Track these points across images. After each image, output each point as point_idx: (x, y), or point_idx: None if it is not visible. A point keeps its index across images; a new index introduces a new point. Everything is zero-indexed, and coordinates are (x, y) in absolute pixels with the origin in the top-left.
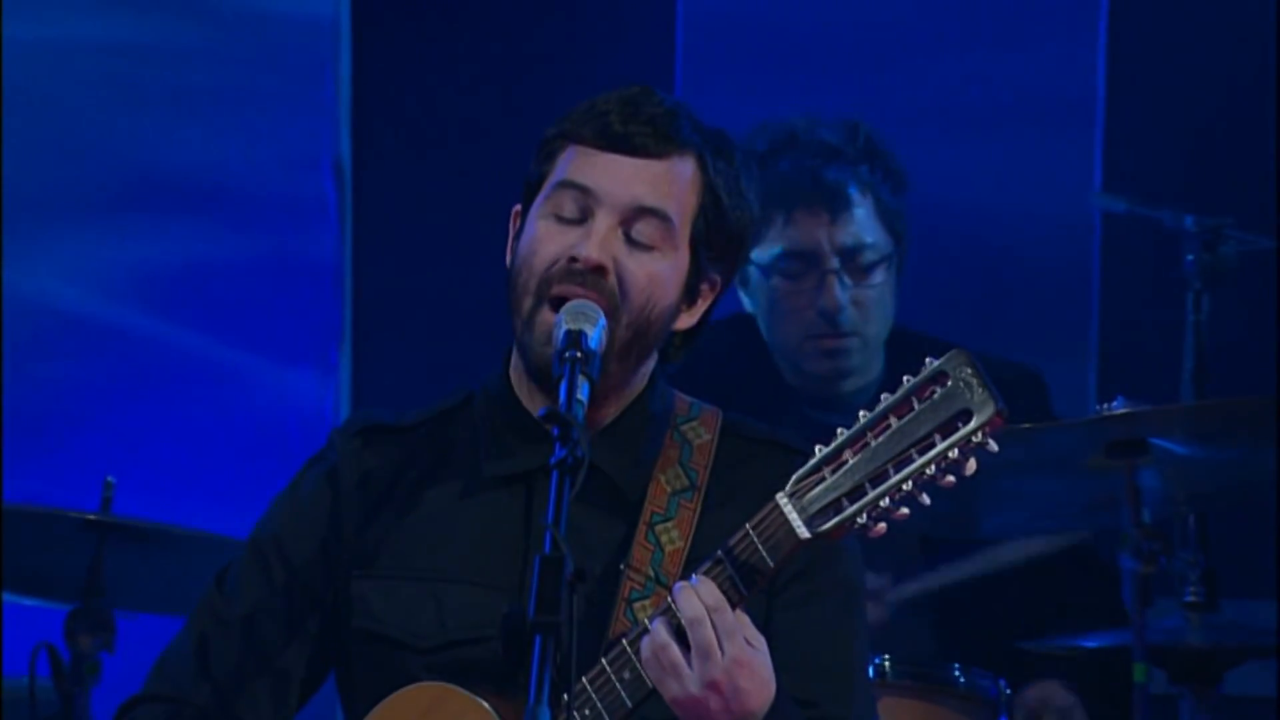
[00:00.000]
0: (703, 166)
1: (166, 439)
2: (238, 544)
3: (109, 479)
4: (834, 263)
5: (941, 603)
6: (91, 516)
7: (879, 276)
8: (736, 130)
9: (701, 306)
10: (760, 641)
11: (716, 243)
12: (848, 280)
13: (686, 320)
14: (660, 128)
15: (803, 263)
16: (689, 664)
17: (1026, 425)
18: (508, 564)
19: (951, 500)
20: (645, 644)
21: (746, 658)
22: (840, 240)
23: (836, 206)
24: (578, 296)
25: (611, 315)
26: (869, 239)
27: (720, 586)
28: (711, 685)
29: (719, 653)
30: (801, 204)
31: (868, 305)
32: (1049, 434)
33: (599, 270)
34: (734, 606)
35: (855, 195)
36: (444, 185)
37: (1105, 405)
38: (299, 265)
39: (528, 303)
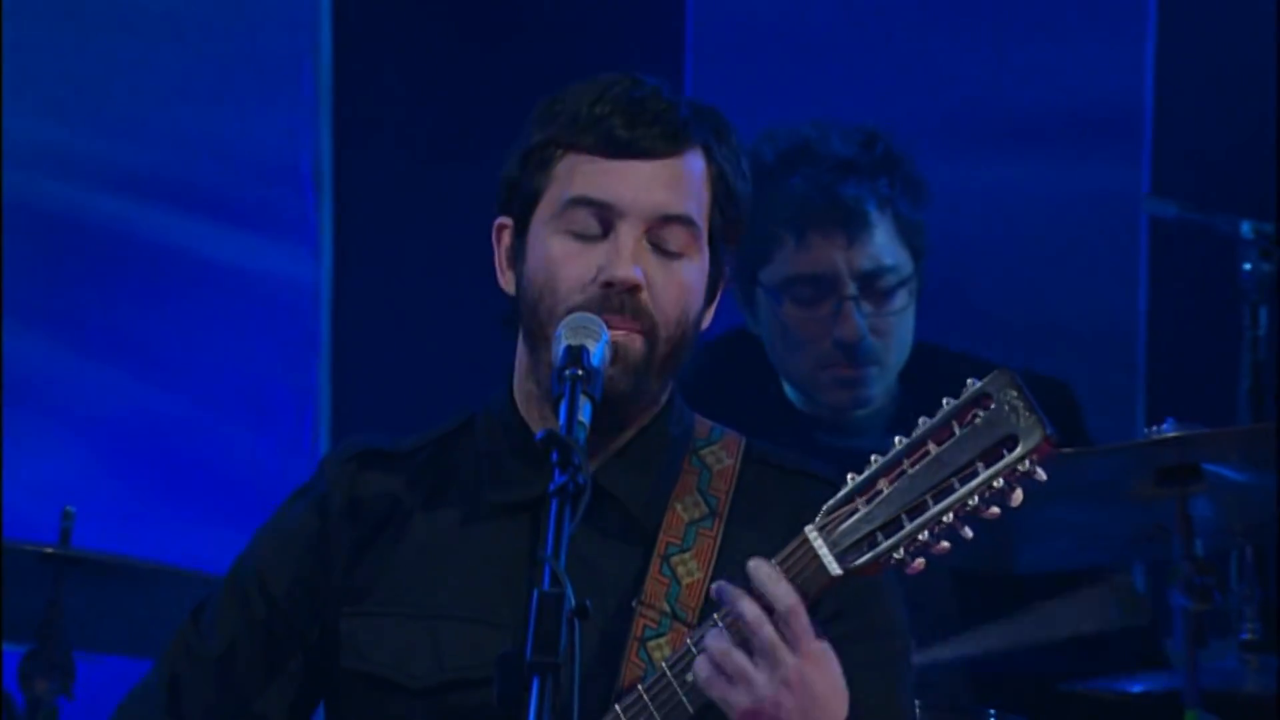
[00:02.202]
0: (710, 156)
1: (130, 465)
2: (208, 579)
3: (68, 508)
4: (852, 289)
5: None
6: (49, 549)
7: (900, 301)
8: (749, 134)
9: (716, 300)
10: (829, 651)
11: (729, 231)
12: (867, 307)
13: (707, 318)
14: (668, 127)
15: (817, 289)
16: (757, 668)
17: (1068, 450)
18: (510, 599)
19: (986, 532)
20: (701, 661)
21: (817, 652)
22: (859, 264)
23: (854, 228)
24: (618, 327)
25: (651, 335)
26: (889, 261)
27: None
28: (784, 683)
29: (786, 650)
30: (815, 225)
31: (888, 333)
32: (1092, 459)
33: (634, 290)
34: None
35: (873, 213)
36: (432, 191)
37: (1154, 428)
38: (274, 276)
39: (554, 329)
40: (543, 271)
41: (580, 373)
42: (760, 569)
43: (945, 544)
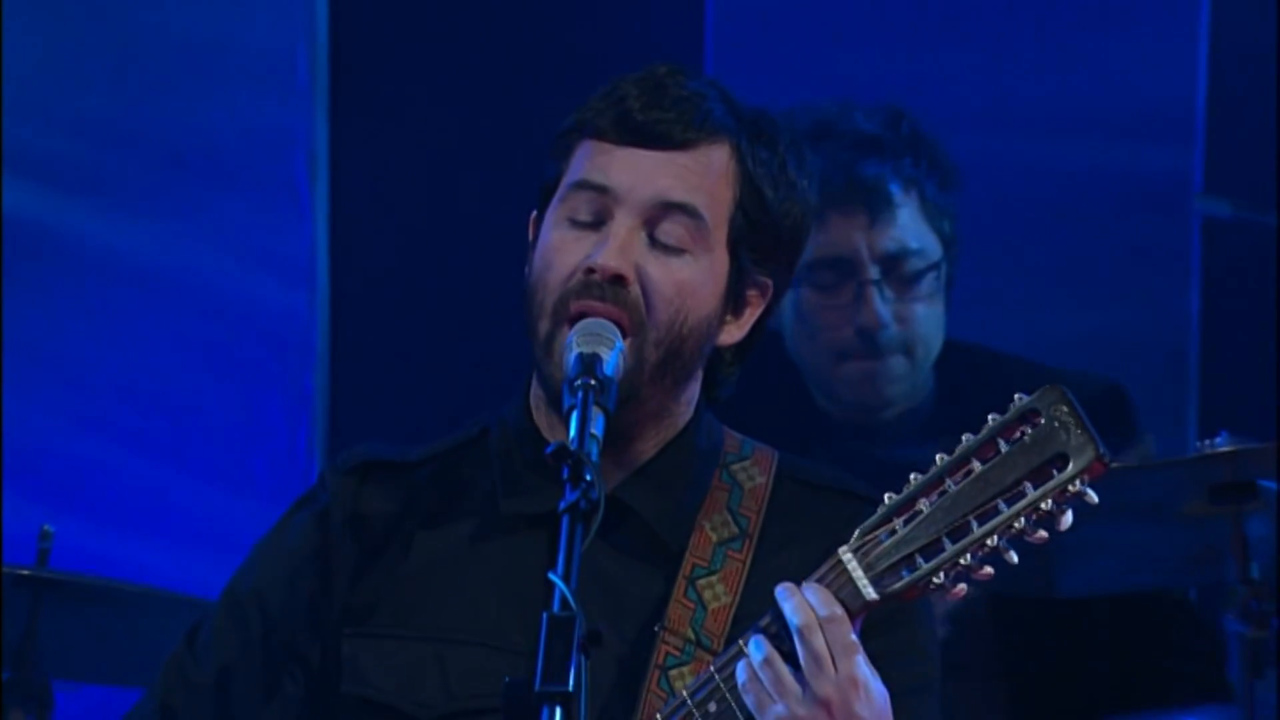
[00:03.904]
0: (738, 155)
1: (112, 480)
2: (195, 603)
3: (46, 527)
4: (873, 272)
5: (1015, 673)
6: (25, 571)
7: (926, 287)
8: None
9: (750, 316)
10: (877, 677)
11: (761, 242)
12: (889, 292)
13: (734, 333)
14: (686, 113)
15: (837, 273)
16: (796, 680)
17: (1114, 465)
18: (524, 622)
19: (1024, 553)
20: (742, 666)
21: (863, 678)
22: (881, 246)
23: (876, 206)
24: (597, 313)
25: (637, 332)
26: (914, 244)
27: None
28: (823, 704)
29: (832, 666)
30: (835, 204)
31: (913, 321)
32: (1140, 475)
33: (618, 280)
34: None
35: (897, 193)
36: (434, 192)
37: (1207, 442)
38: (267, 276)
39: (545, 325)
40: (540, 261)
41: (593, 383)
42: (799, 585)
43: (988, 569)
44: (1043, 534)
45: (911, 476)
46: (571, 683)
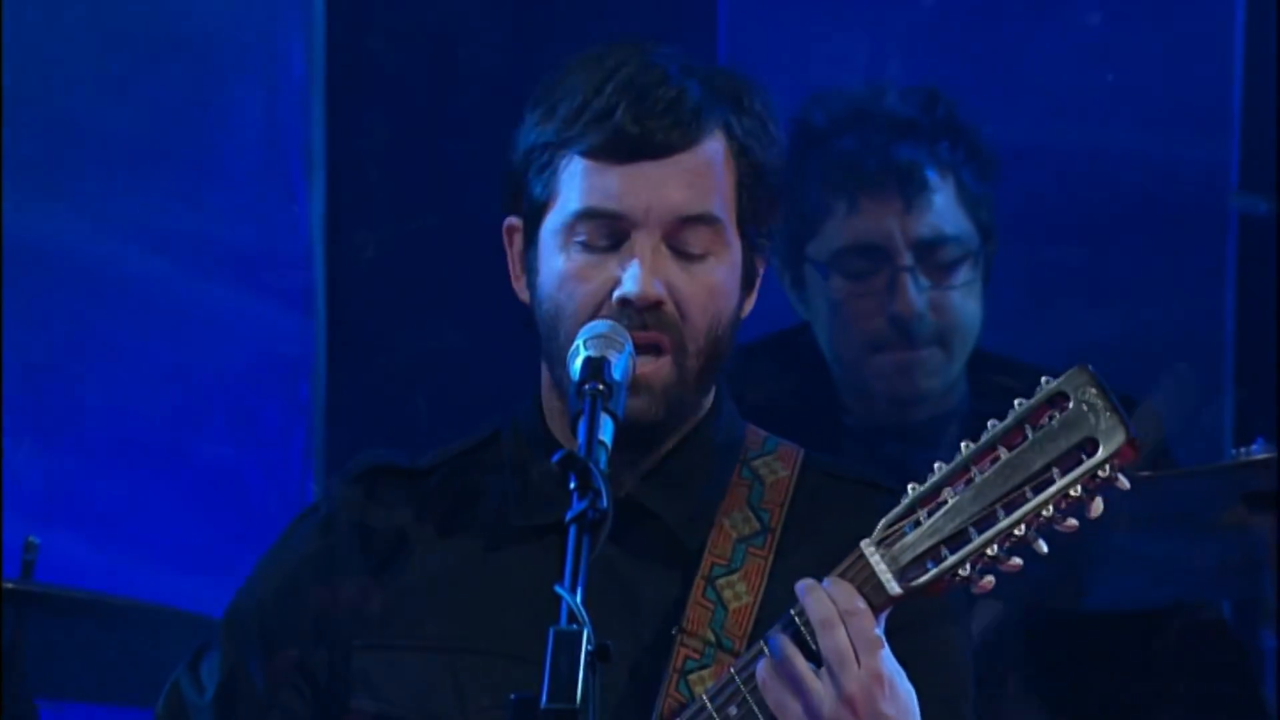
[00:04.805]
0: (730, 135)
1: (101, 490)
2: (188, 617)
3: (30, 538)
4: (908, 259)
5: (1044, 690)
6: (9, 585)
7: (962, 276)
8: (790, 105)
9: (758, 281)
10: (903, 674)
11: (760, 208)
12: (924, 280)
13: (748, 305)
14: (681, 115)
15: (870, 260)
16: (819, 678)
17: (1145, 473)
18: (540, 631)
19: (1049, 564)
20: (762, 664)
21: (888, 674)
22: (916, 232)
23: (911, 191)
24: (638, 341)
25: (678, 350)
26: (950, 230)
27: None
28: (847, 701)
29: (855, 663)
30: (868, 189)
31: (949, 310)
32: (1173, 484)
33: (656, 305)
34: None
35: (933, 178)
36: (436, 186)
37: (1242, 449)
38: (261, 280)
39: (570, 348)
40: (556, 291)
41: (601, 388)
42: (813, 585)
43: (1016, 560)
44: (1073, 522)
45: (935, 466)
46: (579, 699)
